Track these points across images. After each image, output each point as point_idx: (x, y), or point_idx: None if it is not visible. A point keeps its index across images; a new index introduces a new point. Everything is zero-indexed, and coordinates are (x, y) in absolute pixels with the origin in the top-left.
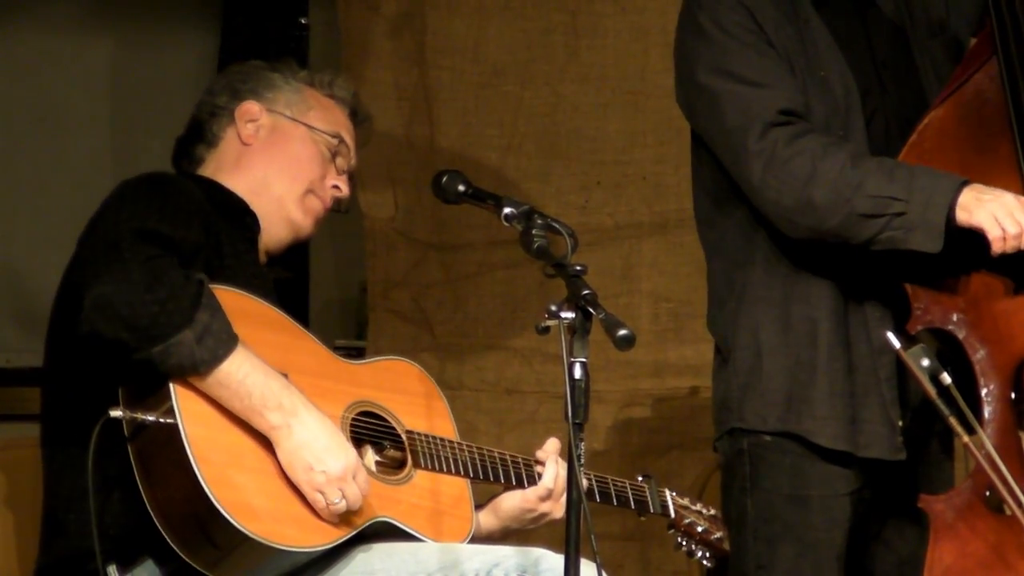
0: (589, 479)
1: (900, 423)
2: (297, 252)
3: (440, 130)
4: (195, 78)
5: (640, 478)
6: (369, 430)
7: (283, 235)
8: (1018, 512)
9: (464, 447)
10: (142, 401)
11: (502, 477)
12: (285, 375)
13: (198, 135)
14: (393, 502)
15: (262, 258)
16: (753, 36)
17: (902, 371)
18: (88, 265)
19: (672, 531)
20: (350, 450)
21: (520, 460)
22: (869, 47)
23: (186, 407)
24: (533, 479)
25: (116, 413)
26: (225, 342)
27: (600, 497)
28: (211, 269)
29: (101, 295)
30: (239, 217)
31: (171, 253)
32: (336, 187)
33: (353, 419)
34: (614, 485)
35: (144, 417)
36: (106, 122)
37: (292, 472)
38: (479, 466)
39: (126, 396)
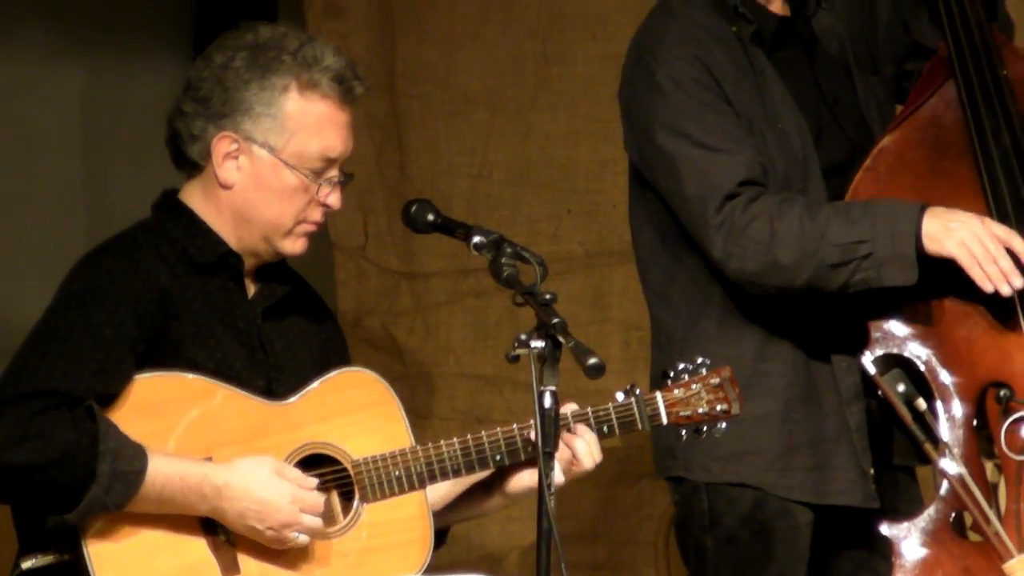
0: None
1: (871, 471)
2: None
3: (410, 158)
4: (167, 105)
5: (629, 386)
6: None
7: (274, 257)
8: (992, 537)
9: (418, 453)
10: (55, 540)
11: (463, 470)
12: (209, 459)
13: (181, 150)
14: (339, 557)
15: (250, 286)
16: (711, 94)
17: (871, 419)
18: None
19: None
20: (284, 491)
21: (485, 440)
22: (817, 86)
23: (96, 552)
24: (503, 449)
25: (27, 564)
26: (133, 481)
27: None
28: (158, 355)
29: None
30: (219, 262)
31: (62, 404)
32: (325, 205)
33: None
34: (595, 416)
35: (60, 559)
36: (78, 149)
37: (248, 536)
38: (436, 470)
39: (40, 534)
